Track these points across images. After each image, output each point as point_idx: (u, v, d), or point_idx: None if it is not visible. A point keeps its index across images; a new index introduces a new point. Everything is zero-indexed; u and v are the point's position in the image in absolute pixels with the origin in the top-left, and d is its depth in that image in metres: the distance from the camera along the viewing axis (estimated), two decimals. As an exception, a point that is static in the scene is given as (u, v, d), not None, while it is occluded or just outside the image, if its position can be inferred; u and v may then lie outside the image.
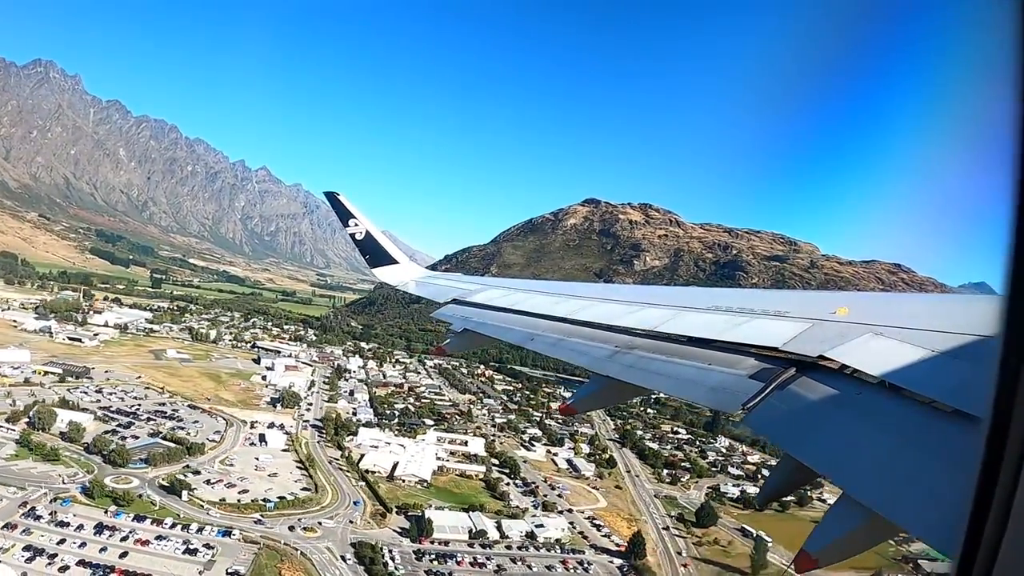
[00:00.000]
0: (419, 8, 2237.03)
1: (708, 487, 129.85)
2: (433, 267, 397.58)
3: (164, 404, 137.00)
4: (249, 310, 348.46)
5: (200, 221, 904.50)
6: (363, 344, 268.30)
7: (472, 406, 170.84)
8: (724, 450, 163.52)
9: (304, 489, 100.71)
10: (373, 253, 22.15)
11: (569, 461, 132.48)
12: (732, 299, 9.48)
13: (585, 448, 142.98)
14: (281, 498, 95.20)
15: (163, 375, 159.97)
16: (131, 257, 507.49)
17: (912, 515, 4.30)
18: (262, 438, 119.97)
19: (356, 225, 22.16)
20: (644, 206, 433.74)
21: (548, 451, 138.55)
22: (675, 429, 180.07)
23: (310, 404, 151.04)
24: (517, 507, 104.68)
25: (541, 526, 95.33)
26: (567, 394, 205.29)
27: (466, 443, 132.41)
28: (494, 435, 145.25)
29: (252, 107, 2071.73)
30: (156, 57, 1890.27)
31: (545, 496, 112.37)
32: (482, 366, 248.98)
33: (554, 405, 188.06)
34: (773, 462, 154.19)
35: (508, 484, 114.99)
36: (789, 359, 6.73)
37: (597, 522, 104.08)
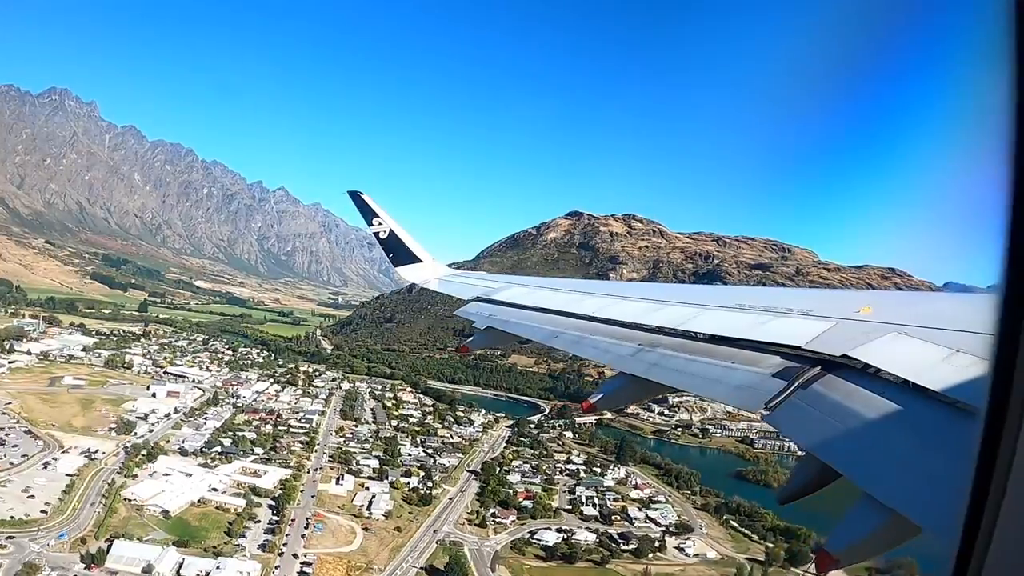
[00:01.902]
0: (426, 26, 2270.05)
1: (529, 531, 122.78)
2: (412, 287, 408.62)
3: (3, 428, 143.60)
4: (219, 332, 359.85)
5: (215, 243, 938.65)
6: (306, 366, 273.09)
7: (337, 433, 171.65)
8: (607, 484, 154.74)
9: (42, 512, 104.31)
10: (397, 252, 23.04)
11: (374, 497, 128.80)
12: (755, 297, 9.96)
13: (413, 482, 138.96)
14: (12, 517, 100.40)
15: (36, 400, 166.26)
16: (132, 281, 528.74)
17: (935, 516, 4.41)
18: (56, 462, 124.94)
19: (380, 224, 23.09)
20: (627, 217, 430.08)
21: (361, 485, 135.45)
22: (570, 458, 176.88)
23: (151, 429, 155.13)
24: (237, 545, 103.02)
25: (219, 567, 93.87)
26: (479, 419, 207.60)
27: (264, 474, 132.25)
28: (321, 466, 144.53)
29: (269, 129, 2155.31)
30: (173, 82, 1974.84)
31: (287, 535, 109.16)
32: (410, 388, 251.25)
33: (444, 432, 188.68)
34: (662, 498, 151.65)
35: (259, 521, 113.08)
36: (813, 358, 7.00)
37: (308, 569, 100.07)
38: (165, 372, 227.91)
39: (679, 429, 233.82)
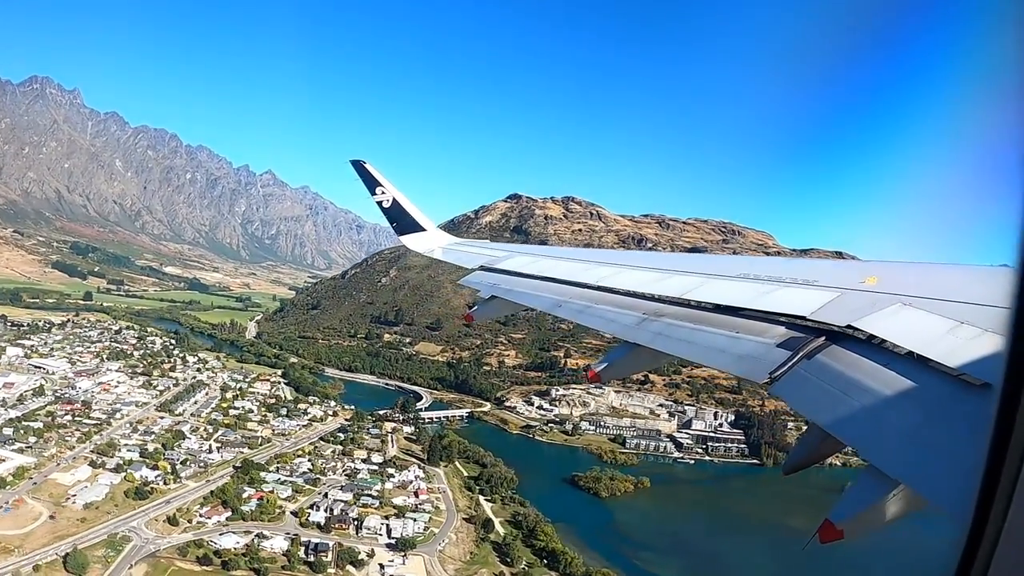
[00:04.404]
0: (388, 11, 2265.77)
1: (220, 534, 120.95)
2: (344, 274, 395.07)
3: None
4: (150, 321, 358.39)
5: (196, 228, 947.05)
6: (196, 355, 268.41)
7: (133, 425, 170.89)
8: (387, 487, 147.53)
9: None
10: (400, 221, 23.12)
11: (90, 487, 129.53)
12: (761, 267, 10.02)
13: (152, 475, 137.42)
14: None
15: None
16: (95, 269, 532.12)
17: (939, 488, 4.40)
18: None
19: (383, 193, 22.98)
20: (566, 199, 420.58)
21: (95, 476, 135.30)
22: (371, 456, 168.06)
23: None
24: None
25: None
26: (316, 411, 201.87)
27: (8, 460, 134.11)
28: (75, 456, 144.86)
29: (256, 113, 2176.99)
30: (159, 68, 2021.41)
31: None
32: (279, 377, 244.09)
33: (256, 426, 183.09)
34: (429, 506, 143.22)
35: None
36: (818, 328, 6.99)
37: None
38: (30, 364, 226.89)
39: (549, 425, 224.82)
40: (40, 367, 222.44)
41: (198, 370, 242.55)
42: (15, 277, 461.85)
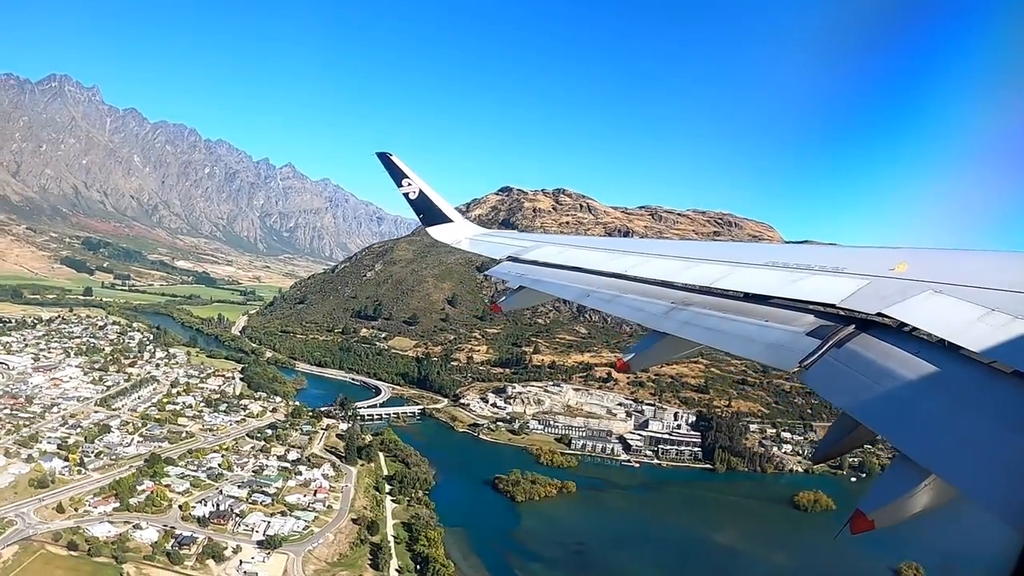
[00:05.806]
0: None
1: (99, 522, 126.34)
2: (334, 268, 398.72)
3: None
4: (140, 316, 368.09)
5: (213, 222, 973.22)
6: (165, 351, 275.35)
7: (65, 419, 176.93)
8: (290, 484, 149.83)
9: None
10: (427, 212, 23.70)
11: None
12: (789, 255, 10.35)
13: (58, 466, 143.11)
14: None
15: None
16: (105, 264, 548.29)
17: (970, 478, 4.54)
18: None
19: (409, 185, 23.64)
20: (557, 192, 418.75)
21: (7, 466, 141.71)
22: (287, 454, 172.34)
23: None
24: None
25: None
26: (256, 407, 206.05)
27: None
28: None
29: (275, 107, 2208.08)
30: (177, 64, 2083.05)
31: None
32: (238, 373, 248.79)
33: (187, 421, 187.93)
34: (320, 505, 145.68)
35: None
36: (848, 316, 7.20)
37: None
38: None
39: (497, 423, 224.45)
40: (3, 363, 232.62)
41: (156, 365, 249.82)
42: (22, 273, 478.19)
